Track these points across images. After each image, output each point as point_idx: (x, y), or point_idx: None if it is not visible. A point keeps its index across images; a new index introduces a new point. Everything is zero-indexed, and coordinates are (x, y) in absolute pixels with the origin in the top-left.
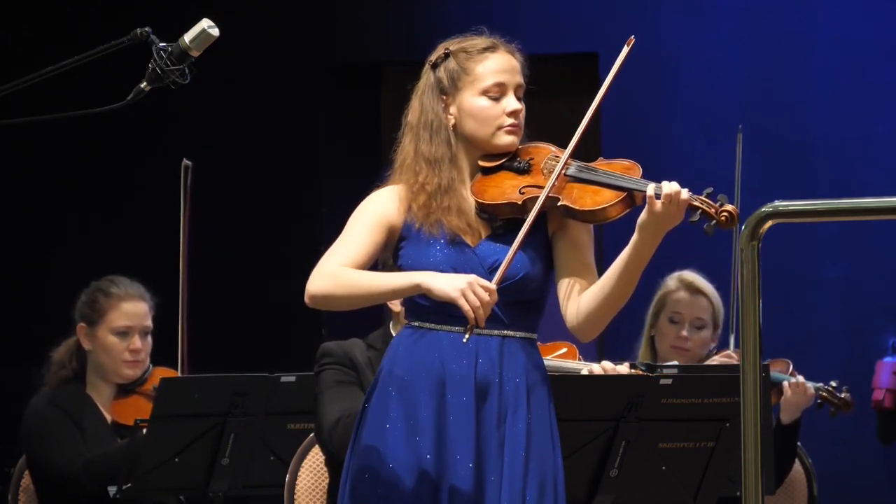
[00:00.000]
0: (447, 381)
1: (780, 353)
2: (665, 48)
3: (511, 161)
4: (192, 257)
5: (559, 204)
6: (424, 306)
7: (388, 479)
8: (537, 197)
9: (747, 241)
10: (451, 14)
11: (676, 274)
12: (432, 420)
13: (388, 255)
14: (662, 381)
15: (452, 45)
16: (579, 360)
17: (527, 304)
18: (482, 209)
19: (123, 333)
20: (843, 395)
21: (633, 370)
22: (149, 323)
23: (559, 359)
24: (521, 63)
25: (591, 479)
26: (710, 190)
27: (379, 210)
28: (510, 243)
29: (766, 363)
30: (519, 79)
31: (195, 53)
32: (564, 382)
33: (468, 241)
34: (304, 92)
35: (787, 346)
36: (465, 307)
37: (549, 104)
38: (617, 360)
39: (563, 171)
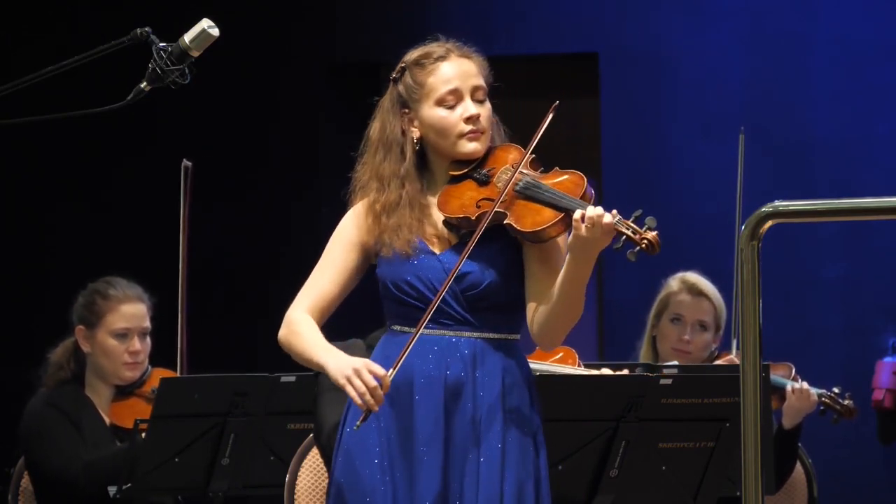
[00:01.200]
0: (415, 384)
1: (780, 352)
2: (665, 48)
3: (475, 169)
4: (191, 257)
5: (505, 222)
6: (398, 311)
7: (363, 480)
8: (486, 213)
9: (747, 241)
10: (451, 14)
11: (679, 275)
12: (402, 422)
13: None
14: (662, 381)
15: (409, 57)
16: (578, 364)
17: (501, 307)
18: (445, 221)
19: (122, 335)
20: (846, 403)
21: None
22: (147, 324)
23: (557, 363)
24: (480, 64)
25: (591, 479)
26: (638, 213)
27: (345, 235)
28: (479, 252)
29: (766, 364)
30: (475, 81)
31: (195, 53)
32: (565, 383)
33: (434, 248)
34: (304, 92)
35: (787, 347)
36: (352, 394)
37: (549, 104)
38: (617, 360)
39: (512, 188)
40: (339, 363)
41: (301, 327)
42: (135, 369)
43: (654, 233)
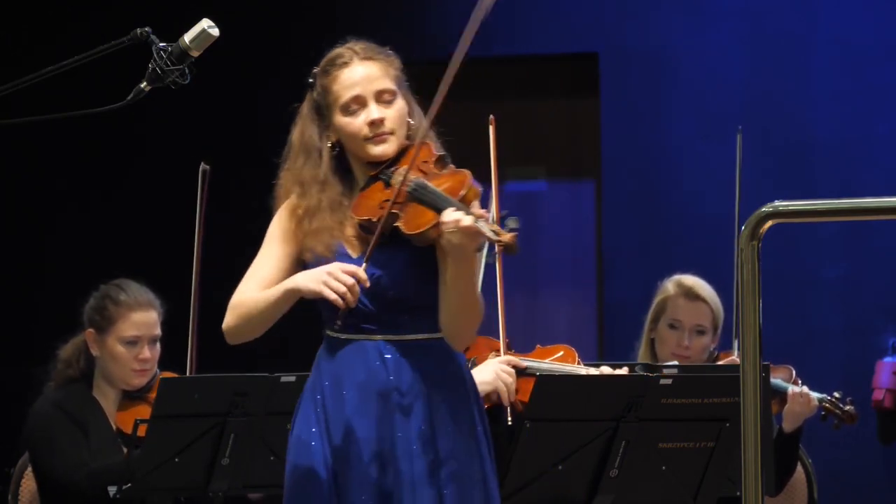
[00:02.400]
0: (345, 391)
1: (780, 353)
2: (665, 48)
3: (384, 171)
4: (205, 261)
5: (395, 224)
6: (327, 316)
7: (304, 489)
8: (385, 215)
9: (747, 241)
10: (451, 14)
11: (675, 278)
12: (338, 429)
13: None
14: (662, 381)
15: (320, 63)
16: (578, 363)
17: (419, 309)
18: (358, 223)
19: (132, 343)
20: (846, 408)
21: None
22: (158, 331)
23: (557, 362)
24: (387, 66)
25: (591, 479)
26: (504, 213)
27: (279, 227)
28: (389, 254)
29: (766, 364)
30: (378, 85)
31: (195, 53)
32: (565, 383)
33: (352, 252)
34: (304, 92)
35: (788, 347)
36: (330, 295)
37: (549, 104)
38: (616, 360)
39: (404, 189)
40: (309, 274)
41: (248, 297)
42: (143, 376)
43: (511, 234)
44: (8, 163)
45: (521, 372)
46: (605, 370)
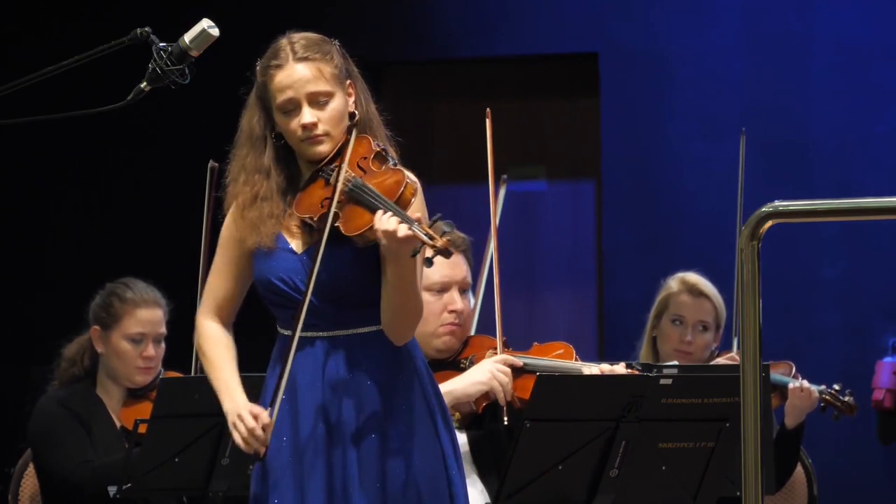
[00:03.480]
0: (297, 389)
1: (780, 352)
2: (665, 48)
3: (324, 168)
4: (211, 260)
5: (336, 223)
6: (276, 312)
7: (265, 483)
8: (326, 214)
9: (747, 241)
10: (452, 14)
11: (679, 275)
12: (289, 422)
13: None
14: (662, 381)
15: (262, 58)
16: (576, 360)
17: (367, 303)
18: (301, 219)
19: (137, 340)
20: (846, 399)
21: (629, 370)
22: (163, 329)
23: (556, 359)
24: (320, 66)
25: (591, 479)
26: (437, 216)
27: (228, 234)
28: (334, 250)
29: (766, 363)
30: (311, 87)
31: (195, 53)
32: (564, 382)
33: (295, 246)
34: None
35: (787, 346)
36: (237, 439)
37: (549, 104)
38: (616, 360)
39: (343, 189)
40: (229, 409)
41: (209, 348)
42: (147, 374)
43: (445, 238)
44: (10, 162)
45: (519, 369)
46: (604, 366)
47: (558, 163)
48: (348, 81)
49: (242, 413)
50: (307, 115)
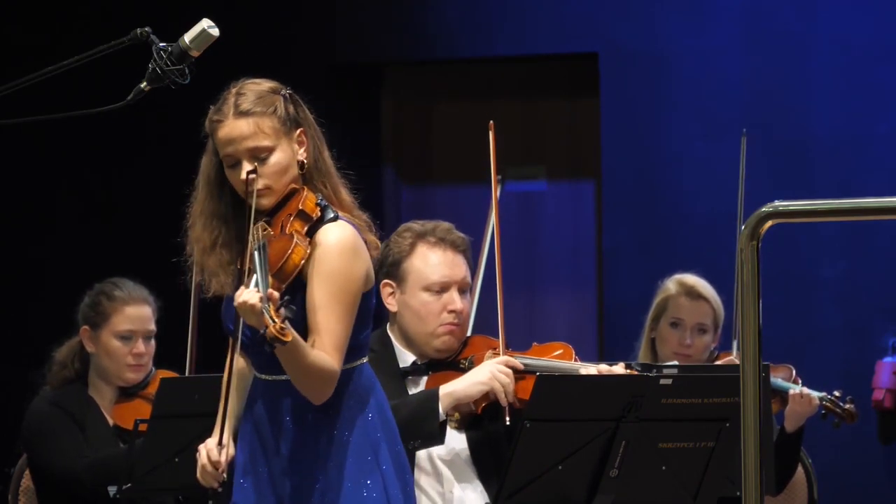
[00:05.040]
0: (247, 429)
1: (780, 352)
2: (665, 48)
3: (266, 218)
4: None
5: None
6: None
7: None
8: (241, 271)
9: (747, 241)
10: (451, 14)
11: (676, 277)
12: (246, 458)
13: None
14: (662, 381)
15: (210, 109)
16: (575, 360)
17: None
18: None
19: (127, 337)
20: (847, 406)
21: (628, 370)
22: (152, 326)
23: (556, 359)
24: (259, 121)
25: (591, 479)
26: (286, 299)
27: (201, 273)
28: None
29: (766, 364)
30: (249, 143)
31: (195, 53)
32: (564, 383)
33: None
34: (304, 92)
35: (787, 347)
36: (198, 476)
37: (549, 104)
38: (616, 360)
39: (248, 252)
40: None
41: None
42: (138, 371)
43: (275, 326)
44: (6, 163)
45: (519, 371)
46: (603, 367)
47: (558, 163)
48: (299, 130)
49: (201, 450)
50: (246, 169)
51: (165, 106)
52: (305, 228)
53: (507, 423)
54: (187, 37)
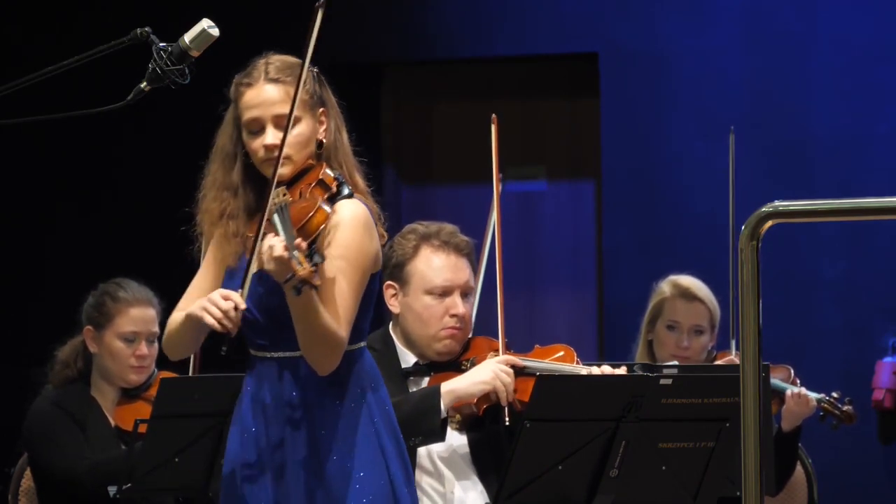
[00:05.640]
0: (245, 408)
1: (780, 352)
2: (665, 48)
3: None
4: None
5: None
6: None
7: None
8: (255, 236)
9: (747, 241)
10: (451, 14)
11: (671, 278)
12: (238, 445)
13: None
14: (662, 381)
15: (237, 76)
16: (577, 363)
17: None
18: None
19: (130, 339)
20: (845, 408)
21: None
22: (156, 328)
23: (556, 361)
24: (289, 91)
25: (591, 479)
26: (314, 247)
27: (209, 244)
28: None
29: (766, 364)
30: (277, 110)
31: (195, 53)
32: (565, 383)
33: (255, 265)
34: None
35: (787, 347)
36: (209, 321)
37: (549, 104)
38: (616, 360)
39: (269, 217)
40: (199, 301)
41: (172, 318)
42: (140, 373)
43: (308, 270)
44: (7, 163)
45: (520, 371)
46: (606, 369)
47: (558, 163)
48: (321, 109)
49: (212, 295)
50: (270, 136)
51: (166, 106)
52: (325, 196)
53: (507, 423)
54: (187, 37)
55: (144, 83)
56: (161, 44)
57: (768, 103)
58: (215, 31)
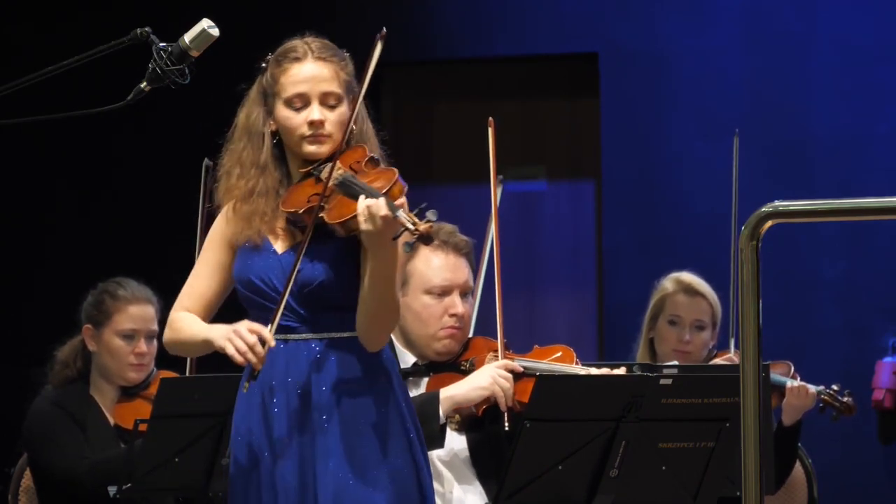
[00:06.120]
0: (267, 392)
1: (780, 352)
2: (665, 48)
3: (316, 168)
4: None
5: (320, 215)
6: (252, 315)
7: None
8: (314, 207)
9: (747, 241)
10: (452, 14)
11: (673, 275)
12: (260, 430)
13: None
14: (662, 381)
15: (276, 51)
16: (576, 363)
17: (341, 307)
18: (286, 217)
19: (129, 336)
20: (845, 400)
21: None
22: (154, 326)
23: (555, 362)
24: (339, 70)
25: (591, 479)
26: (423, 206)
27: (216, 233)
28: (315, 250)
29: (766, 364)
30: (325, 87)
31: (195, 53)
32: (565, 383)
33: (277, 247)
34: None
35: (787, 346)
36: (233, 353)
37: (549, 104)
38: (616, 360)
39: (332, 182)
40: (221, 330)
41: (182, 321)
42: (140, 371)
43: (428, 224)
44: (7, 163)
45: (518, 375)
46: (605, 371)
47: (558, 163)
48: (351, 96)
49: (239, 328)
50: (316, 111)
51: (166, 106)
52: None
53: (507, 428)
54: (187, 37)
55: (144, 83)
56: (161, 44)
57: (768, 103)
58: (215, 31)
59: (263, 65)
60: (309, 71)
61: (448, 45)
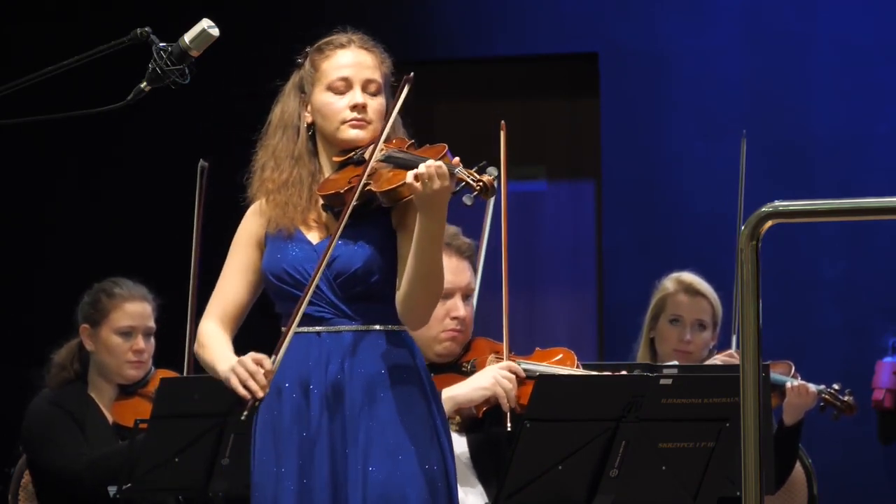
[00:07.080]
0: (301, 382)
1: (780, 352)
2: (665, 48)
3: (355, 155)
4: (203, 258)
5: (367, 188)
6: (282, 307)
7: (257, 484)
8: (355, 186)
9: (747, 241)
10: (452, 14)
11: (674, 275)
12: (288, 421)
13: None
14: (662, 381)
15: (317, 43)
16: (577, 366)
17: (376, 296)
18: (323, 203)
19: (126, 334)
20: (846, 399)
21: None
22: (152, 324)
23: (555, 365)
24: (380, 60)
25: (591, 479)
26: (483, 164)
27: (244, 233)
28: (352, 238)
29: (766, 364)
30: (368, 74)
31: (195, 53)
32: (565, 383)
33: (311, 237)
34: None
35: (787, 346)
36: (235, 384)
37: (549, 104)
38: (616, 360)
39: (375, 158)
40: (228, 362)
41: (209, 339)
42: (138, 368)
43: (491, 177)
44: (7, 163)
45: (521, 378)
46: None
47: (558, 163)
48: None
49: (243, 358)
50: (359, 96)
51: (166, 106)
52: None
53: (509, 429)
54: (187, 37)
55: (144, 83)
56: (161, 44)
57: (768, 103)
58: (215, 31)
59: (299, 59)
60: (354, 57)
61: (448, 45)
